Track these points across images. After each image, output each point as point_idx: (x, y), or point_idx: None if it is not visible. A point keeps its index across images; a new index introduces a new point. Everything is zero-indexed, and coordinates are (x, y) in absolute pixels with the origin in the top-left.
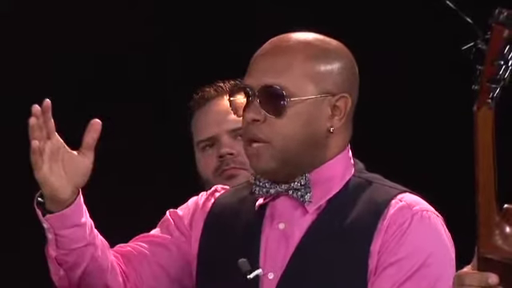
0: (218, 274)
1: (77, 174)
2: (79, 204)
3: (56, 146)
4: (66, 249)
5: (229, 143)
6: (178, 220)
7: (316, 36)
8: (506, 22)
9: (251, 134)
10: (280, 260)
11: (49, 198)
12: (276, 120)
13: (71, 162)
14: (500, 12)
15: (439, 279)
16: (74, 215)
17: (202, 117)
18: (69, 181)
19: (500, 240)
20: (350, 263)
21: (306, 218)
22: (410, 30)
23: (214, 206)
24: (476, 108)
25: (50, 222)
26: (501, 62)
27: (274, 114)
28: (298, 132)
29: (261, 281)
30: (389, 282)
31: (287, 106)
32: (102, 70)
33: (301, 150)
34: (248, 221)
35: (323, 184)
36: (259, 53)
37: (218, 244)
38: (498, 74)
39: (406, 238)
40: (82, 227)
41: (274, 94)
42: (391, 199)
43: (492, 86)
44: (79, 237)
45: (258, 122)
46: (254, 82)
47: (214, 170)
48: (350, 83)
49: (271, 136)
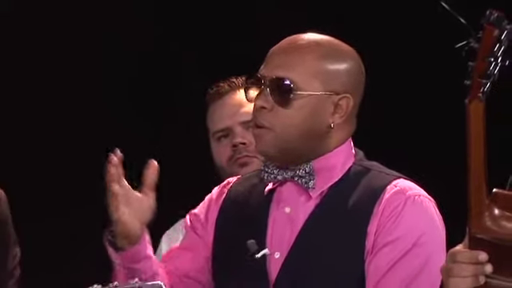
0: (231, 256)
1: (143, 213)
2: (146, 238)
3: (125, 190)
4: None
5: (241, 134)
6: (194, 221)
7: (329, 38)
8: (496, 23)
9: (258, 120)
10: (286, 241)
11: (121, 236)
12: (282, 110)
13: (138, 203)
14: (491, 13)
15: (431, 257)
16: (143, 249)
17: (216, 110)
18: (138, 219)
19: (489, 221)
20: (348, 243)
21: (309, 203)
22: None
23: (227, 195)
24: (468, 101)
25: (123, 257)
26: (491, 59)
27: (280, 104)
28: (300, 123)
29: (268, 260)
30: (384, 260)
31: (293, 98)
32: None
33: (301, 141)
34: (257, 205)
35: (326, 172)
36: (276, 48)
37: (231, 228)
38: (489, 69)
39: (400, 219)
40: (149, 259)
41: (283, 86)
42: (387, 185)
43: (483, 81)
44: (147, 268)
45: (266, 110)
46: (267, 73)
47: (228, 158)
48: (354, 85)
49: (275, 124)
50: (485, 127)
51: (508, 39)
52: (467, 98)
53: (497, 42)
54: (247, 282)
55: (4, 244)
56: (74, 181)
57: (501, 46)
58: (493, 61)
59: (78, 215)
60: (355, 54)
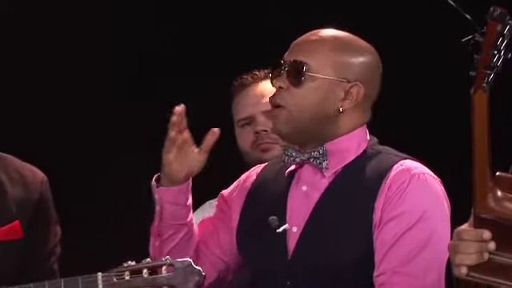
0: (255, 230)
1: (192, 165)
2: (186, 188)
3: (185, 140)
4: (166, 222)
5: (263, 122)
6: (222, 200)
7: (348, 34)
8: (499, 18)
9: (274, 99)
10: (302, 216)
11: (166, 176)
12: (295, 90)
13: (191, 155)
14: (494, 10)
15: (435, 232)
16: (180, 195)
17: (240, 100)
18: (184, 168)
19: (493, 202)
20: (358, 217)
21: (323, 182)
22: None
23: (256, 179)
24: (473, 91)
25: (159, 192)
26: (495, 52)
27: (294, 84)
28: (312, 104)
29: (287, 234)
30: (390, 233)
31: (306, 79)
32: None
33: (312, 121)
34: (280, 185)
35: (338, 154)
36: (299, 38)
37: (256, 207)
38: (492, 62)
39: (405, 196)
40: (183, 208)
41: (298, 67)
42: (394, 164)
43: (487, 72)
44: (179, 215)
45: (282, 90)
46: (288, 57)
47: (251, 143)
48: (367, 76)
49: (289, 103)
50: (489, 115)
51: (510, 33)
52: (472, 88)
53: (500, 36)
54: (269, 254)
55: (46, 224)
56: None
57: (504, 40)
58: (496, 53)
59: (114, 198)
60: (372, 50)
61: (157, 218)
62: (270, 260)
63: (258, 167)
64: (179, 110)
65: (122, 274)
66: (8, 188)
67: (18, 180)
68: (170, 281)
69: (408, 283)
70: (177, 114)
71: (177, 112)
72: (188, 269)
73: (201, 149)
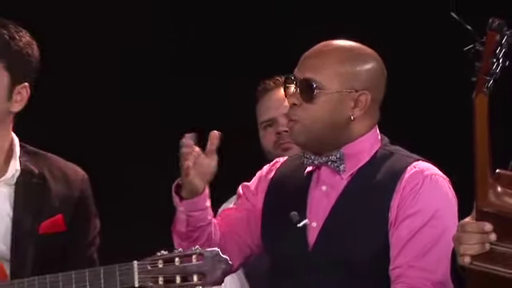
0: (277, 224)
1: (207, 173)
2: (206, 194)
3: (197, 156)
4: (193, 226)
5: (284, 123)
6: (247, 191)
7: (351, 44)
8: (498, 29)
9: (290, 114)
10: (321, 213)
11: (187, 191)
12: (308, 105)
13: (205, 164)
14: (493, 21)
15: (446, 229)
16: (202, 201)
17: (264, 103)
18: (203, 178)
19: (493, 197)
20: (374, 216)
21: (341, 182)
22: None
23: (275, 173)
24: (474, 95)
25: (185, 205)
26: (494, 60)
27: (306, 100)
28: (324, 116)
29: (307, 228)
30: (405, 230)
31: (317, 95)
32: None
33: (325, 131)
34: (299, 183)
35: (354, 157)
36: (306, 53)
37: (278, 201)
38: (492, 68)
39: (419, 196)
40: (206, 210)
41: (309, 85)
42: (407, 166)
43: (487, 78)
44: (204, 218)
45: (296, 106)
46: (298, 74)
47: (273, 143)
48: (373, 83)
49: (303, 117)
50: (489, 118)
51: (508, 43)
52: (474, 92)
53: (498, 46)
54: (290, 246)
55: (86, 217)
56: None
57: (502, 49)
58: (495, 61)
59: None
60: (376, 56)
61: (183, 224)
62: (290, 252)
63: (277, 161)
64: (187, 142)
65: (155, 262)
66: (52, 185)
67: (60, 178)
68: (200, 268)
69: (422, 276)
70: (186, 145)
71: (185, 144)
72: (216, 258)
73: (206, 154)
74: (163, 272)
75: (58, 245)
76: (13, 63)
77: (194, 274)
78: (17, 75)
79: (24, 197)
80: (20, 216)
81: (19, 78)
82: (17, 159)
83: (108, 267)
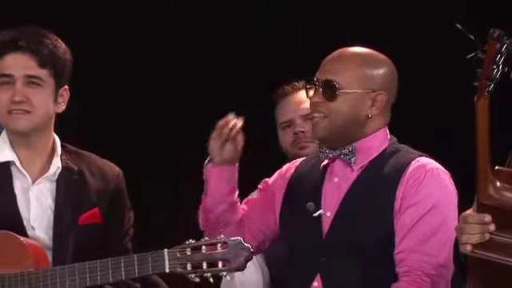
0: (295, 214)
1: (232, 151)
2: (231, 171)
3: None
4: (211, 195)
5: (301, 124)
6: (267, 186)
7: (368, 50)
8: (498, 38)
9: (314, 110)
10: (335, 203)
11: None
12: (330, 103)
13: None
14: (494, 31)
15: (445, 218)
16: (224, 174)
17: (282, 106)
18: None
19: (493, 191)
20: (381, 205)
21: (352, 174)
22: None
23: (295, 171)
24: (476, 98)
25: (208, 172)
26: (494, 67)
27: (329, 99)
28: (346, 114)
29: (322, 217)
30: (408, 218)
31: (339, 95)
32: None
33: (346, 126)
34: (315, 177)
35: (364, 151)
36: (328, 57)
37: (296, 195)
38: (492, 74)
39: (422, 187)
40: (226, 185)
41: (331, 85)
42: (411, 161)
43: (488, 82)
44: (222, 191)
45: (319, 103)
46: (320, 76)
47: (291, 142)
48: (388, 84)
49: (326, 113)
50: (489, 119)
51: (507, 51)
52: (476, 96)
53: (498, 54)
54: (307, 234)
55: (121, 210)
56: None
57: (501, 57)
58: (495, 68)
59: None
60: (389, 62)
61: (205, 192)
62: (307, 239)
63: (296, 161)
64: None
65: (184, 250)
66: (89, 180)
67: (97, 173)
68: (225, 256)
69: (423, 260)
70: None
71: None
72: (239, 246)
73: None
74: (191, 259)
75: (95, 235)
76: (57, 69)
77: (219, 261)
78: (60, 79)
79: (65, 192)
80: (61, 209)
81: (62, 81)
82: (58, 157)
83: (141, 255)
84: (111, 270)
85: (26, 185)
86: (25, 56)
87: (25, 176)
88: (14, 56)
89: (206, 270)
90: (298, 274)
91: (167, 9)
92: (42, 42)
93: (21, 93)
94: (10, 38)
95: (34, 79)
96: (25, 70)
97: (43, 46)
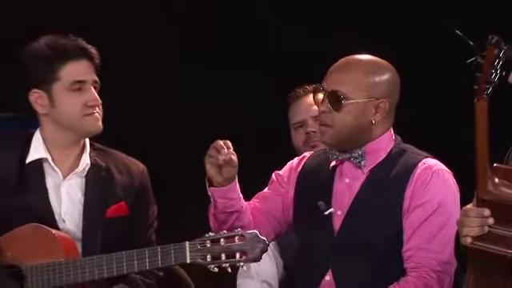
0: (307, 212)
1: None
2: (233, 187)
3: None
4: (220, 211)
5: (312, 124)
6: (279, 178)
7: (371, 58)
8: (496, 44)
9: (321, 120)
10: (345, 202)
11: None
12: (336, 113)
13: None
14: (492, 37)
15: (451, 215)
16: (227, 193)
17: (295, 108)
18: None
19: (492, 187)
20: (390, 204)
21: (362, 176)
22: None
23: (303, 166)
24: (476, 100)
25: (212, 192)
26: (492, 71)
27: (335, 109)
28: (350, 122)
29: (333, 216)
30: (416, 217)
31: (344, 105)
32: None
33: (351, 133)
34: (325, 176)
35: (373, 154)
36: (333, 67)
37: (306, 191)
38: (491, 78)
39: (429, 188)
40: (232, 200)
41: (336, 96)
42: (418, 162)
43: (487, 86)
44: (229, 206)
45: (326, 113)
46: (326, 86)
47: (303, 142)
48: (391, 91)
49: (332, 123)
50: (488, 120)
51: (504, 56)
52: (476, 98)
53: (496, 59)
54: (318, 231)
55: (145, 204)
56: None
57: (499, 61)
58: (494, 72)
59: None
60: (392, 68)
61: (212, 207)
62: (318, 236)
63: (305, 156)
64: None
65: (204, 243)
66: (116, 176)
67: (123, 170)
68: (242, 247)
69: (430, 256)
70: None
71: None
72: (255, 238)
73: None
74: (211, 250)
75: (121, 227)
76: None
77: (237, 252)
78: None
79: (93, 187)
80: (90, 203)
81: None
82: (87, 155)
83: (164, 246)
84: (136, 260)
85: (57, 180)
86: (90, 63)
87: (56, 172)
88: (83, 63)
89: (225, 261)
90: (310, 268)
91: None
92: (94, 50)
93: (95, 96)
94: (75, 45)
95: (96, 84)
96: (92, 76)
97: (95, 54)
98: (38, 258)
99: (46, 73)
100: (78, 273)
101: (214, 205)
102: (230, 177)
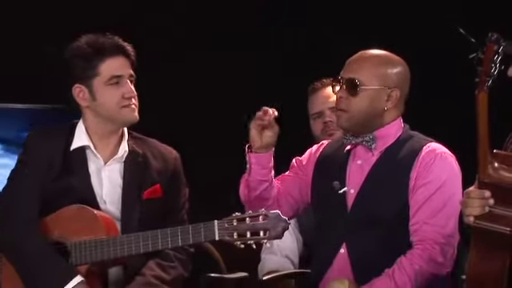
0: (323, 191)
1: (270, 136)
2: (269, 156)
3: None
4: (253, 177)
5: (330, 115)
6: (299, 163)
7: (384, 52)
8: (496, 41)
9: (338, 105)
10: (358, 181)
11: (254, 148)
12: (352, 98)
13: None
14: (492, 35)
15: (453, 195)
16: (263, 160)
17: (313, 99)
18: (265, 140)
19: (492, 171)
20: (398, 183)
21: (373, 158)
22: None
23: (322, 152)
24: (477, 93)
25: (250, 157)
26: (492, 65)
27: (351, 94)
28: (364, 107)
29: (347, 194)
30: (421, 195)
31: (359, 91)
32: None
33: (365, 118)
34: (340, 159)
35: (383, 138)
36: (350, 59)
37: (323, 173)
38: (491, 72)
39: (432, 169)
40: (265, 169)
41: (352, 82)
42: (423, 146)
43: (487, 79)
44: (262, 174)
45: (343, 98)
46: (343, 75)
47: (321, 130)
48: (402, 82)
49: (348, 107)
50: (488, 110)
51: (504, 51)
52: (477, 90)
53: (496, 54)
54: (333, 208)
55: (178, 187)
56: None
57: (499, 56)
58: (493, 66)
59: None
60: (403, 62)
61: (247, 173)
62: (334, 212)
63: (323, 143)
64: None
65: (231, 221)
66: (152, 161)
67: (158, 156)
68: (265, 226)
69: (434, 230)
70: (264, 114)
71: (266, 114)
72: (277, 218)
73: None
74: (237, 229)
75: (157, 208)
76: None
77: (261, 230)
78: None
79: (131, 171)
80: (128, 186)
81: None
82: (126, 142)
83: (195, 225)
84: (170, 237)
85: (99, 166)
86: (126, 59)
87: (98, 158)
88: (120, 59)
89: (250, 238)
90: (326, 242)
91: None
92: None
93: (131, 89)
94: (112, 43)
95: (132, 78)
96: (128, 71)
97: (131, 50)
98: (81, 235)
99: (87, 69)
100: (118, 248)
101: (248, 171)
102: (268, 144)
